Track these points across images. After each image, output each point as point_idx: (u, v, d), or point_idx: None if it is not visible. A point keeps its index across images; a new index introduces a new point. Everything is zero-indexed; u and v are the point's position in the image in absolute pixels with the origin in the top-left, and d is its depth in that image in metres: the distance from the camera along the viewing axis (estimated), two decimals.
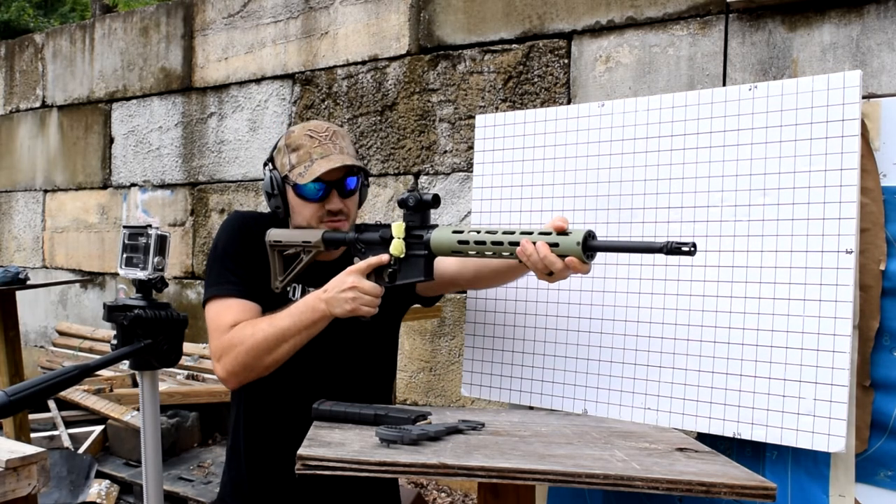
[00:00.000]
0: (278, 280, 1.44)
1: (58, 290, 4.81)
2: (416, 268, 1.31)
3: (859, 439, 1.26)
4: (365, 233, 1.37)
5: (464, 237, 1.23)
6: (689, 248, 1.03)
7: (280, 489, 1.46)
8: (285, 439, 1.43)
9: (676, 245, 1.04)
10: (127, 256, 1.07)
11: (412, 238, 1.30)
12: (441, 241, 1.27)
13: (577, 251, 1.12)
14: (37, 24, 10.14)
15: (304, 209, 1.45)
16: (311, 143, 1.44)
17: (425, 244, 1.29)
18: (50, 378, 0.86)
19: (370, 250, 1.35)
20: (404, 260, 1.31)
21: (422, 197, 1.30)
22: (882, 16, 2.30)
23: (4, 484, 1.32)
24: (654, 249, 1.07)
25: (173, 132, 4.24)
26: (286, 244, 1.44)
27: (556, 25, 2.93)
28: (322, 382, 1.45)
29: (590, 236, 1.13)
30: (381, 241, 1.34)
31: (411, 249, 1.30)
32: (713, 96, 1.37)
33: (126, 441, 3.24)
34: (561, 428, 1.31)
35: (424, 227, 1.30)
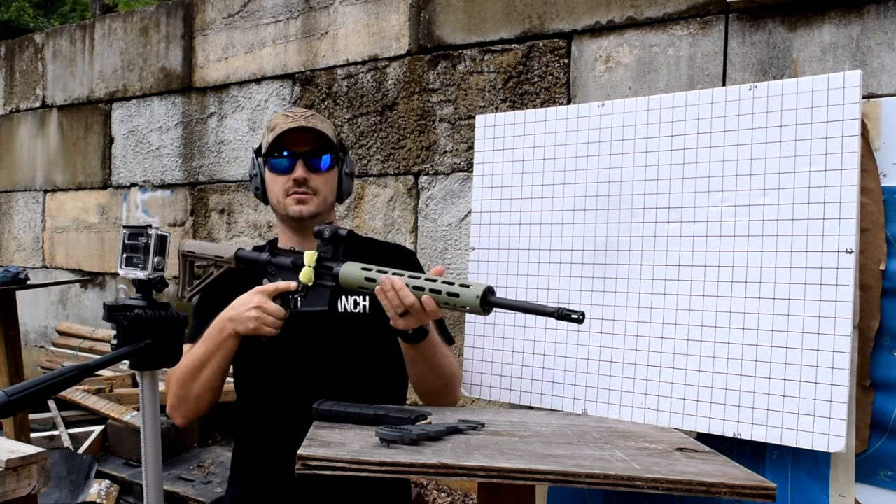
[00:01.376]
0: (186, 290, 1.47)
1: (58, 290, 4.81)
2: (322, 298, 1.33)
3: (859, 439, 1.26)
4: (279, 256, 1.39)
5: (371, 275, 1.27)
6: (577, 317, 1.10)
7: (282, 492, 1.46)
8: (284, 444, 1.43)
9: (566, 312, 1.10)
10: (127, 256, 1.07)
11: (322, 269, 1.32)
12: (349, 276, 1.29)
13: (475, 304, 1.16)
14: (37, 24, 10.14)
15: (274, 184, 1.49)
16: (285, 120, 1.48)
17: (334, 276, 1.31)
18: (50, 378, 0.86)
19: (280, 274, 1.37)
20: (312, 288, 1.33)
21: (337, 231, 1.33)
22: (882, 16, 2.30)
23: (4, 484, 1.32)
24: (545, 313, 1.13)
25: (173, 132, 4.24)
26: (198, 256, 1.47)
27: (556, 25, 2.93)
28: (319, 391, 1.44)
29: (489, 292, 1.17)
30: (292, 267, 1.36)
31: (320, 279, 1.32)
32: (713, 96, 1.37)
33: (126, 441, 3.24)
34: (561, 428, 1.31)
35: (336, 259, 1.32)
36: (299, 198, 1.47)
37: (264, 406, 1.49)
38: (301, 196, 1.47)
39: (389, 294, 1.22)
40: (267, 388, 1.49)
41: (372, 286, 1.26)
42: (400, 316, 1.24)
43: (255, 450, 1.51)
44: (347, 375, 1.48)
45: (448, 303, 1.20)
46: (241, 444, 1.56)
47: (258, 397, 1.50)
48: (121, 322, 0.98)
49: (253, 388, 1.51)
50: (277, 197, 1.49)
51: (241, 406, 1.55)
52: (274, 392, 1.48)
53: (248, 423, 1.53)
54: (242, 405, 1.55)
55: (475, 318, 1.63)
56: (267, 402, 1.49)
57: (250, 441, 1.52)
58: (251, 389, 1.52)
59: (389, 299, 1.22)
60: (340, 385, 1.45)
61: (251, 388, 1.52)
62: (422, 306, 1.21)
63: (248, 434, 1.53)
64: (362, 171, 3.48)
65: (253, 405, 1.51)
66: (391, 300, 1.22)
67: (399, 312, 1.23)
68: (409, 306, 1.21)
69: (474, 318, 1.64)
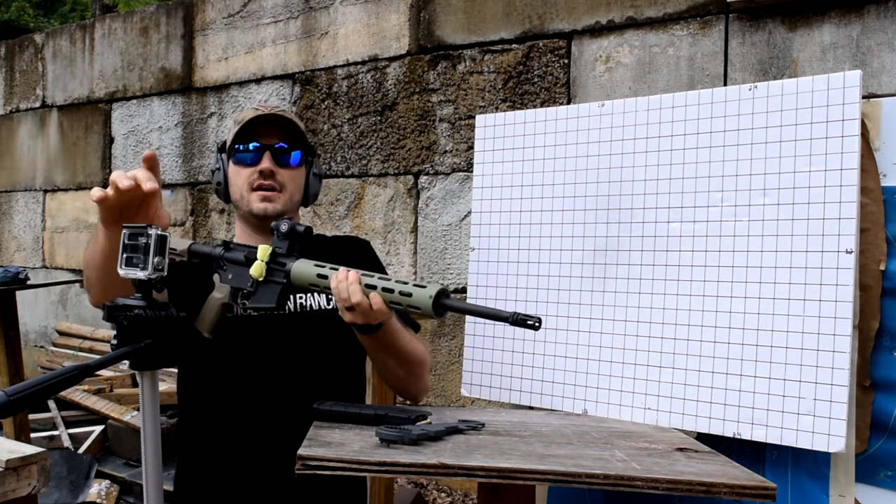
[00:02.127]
0: None
1: (58, 290, 4.81)
2: (271, 294, 1.27)
3: (859, 439, 1.26)
4: (232, 252, 1.33)
5: (324, 272, 1.23)
6: (532, 323, 1.06)
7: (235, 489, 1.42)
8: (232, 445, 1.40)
9: (522, 317, 1.07)
10: (127, 256, 1.06)
11: (275, 264, 1.27)
12: (301, 273, 1.25)
13: (427, 305, 1.14)
14: (37, 24, 10.14)
15: (238, 177, 1.42)
16: (253, 113, 1.43)
17: (286, 273, 1.26)
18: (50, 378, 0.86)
19: (231, 269, 1.31)
20: (262, 284, 1.28)
21: (294, 226, 1.28)
22: (882, 16, 2.30)
23: (4, 484, 1.32)
24: (501, 318, 1.10)
25: (173, 132, 4.24)
26: None
27: (556, 25, 2.93)
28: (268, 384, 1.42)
29: (442, 294, 1.15)
30: (245, 262, 1.30)
31: (271, 275, 1.28)
32: (713, 96, 1.37)
33: (126, 441, 3.24)
34: (561, 428, 1.31)
35: (290, 255, 1.28)
36: (265, 195, 1.40)
37: (225, 405, 1.42)
38: (267, 193, 1.40)
39: (340, 285, 1.18)
40: (228, 385, 1.42)
41: (324, 283, 1.22)
42: (346, 310, 1.20)
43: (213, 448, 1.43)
44: (314, 372, 1.44)
45: (399, 302, 1.17)
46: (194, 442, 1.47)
47: (213, 400, 1.43)
48: (121, 322, 0.98)
49: (210, 385, 1.44)
50: (241, 191, 1.42)
51: (189, 412, 1.48)
52: (236, 390, 1.41)
53: (202, 422, 1.45)
54: (192, 410, 1.47)
55: (475, 319, 1.63)
56: (228, 400, 1.42)
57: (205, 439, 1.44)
58: (205, 392, 1.44)
59: (339, 290, 1.18)
60: (305, 381, 1.42)
61: (204, 391, 1.44)
62: (370, 305, 1.18)
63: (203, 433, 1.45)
64: (362, 171, 3.48)
65: (206, 409, 1.44)
66: (339, 292, 1.18)
67: (346, 306, 1.19)
68: (354, 303, 1.18)
69: (474, 319, 1.64)
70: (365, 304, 1.18)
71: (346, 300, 1.18)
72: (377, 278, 1.20)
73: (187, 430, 1.50)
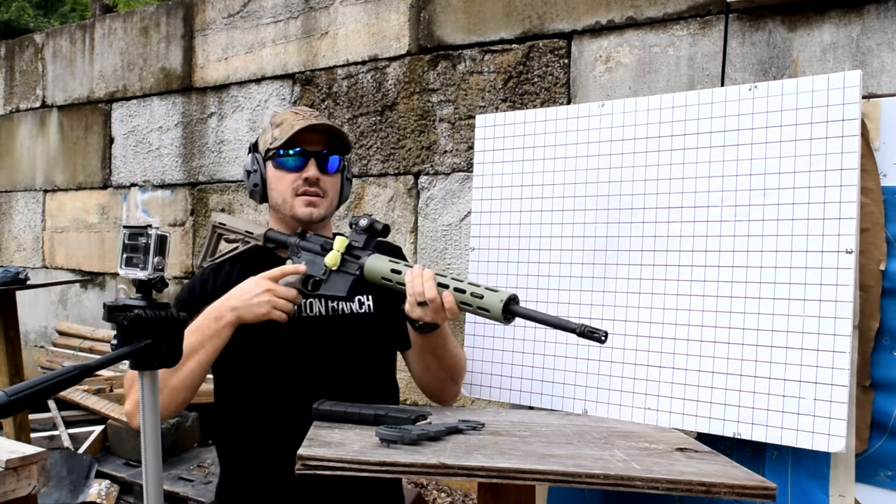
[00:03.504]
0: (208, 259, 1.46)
1: (58, 290, 4.81)
2: (343, 284, 1.32)
3: (859, 439, 1.26)
4: (308, 241, 1.39)
5: (398, 267, 1.27)
6: (599, 336, 1.09)
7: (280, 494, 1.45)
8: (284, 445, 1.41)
9: (590, 330, 1.09)
10: (127, 256, 1.06)
11: (350, 256, 1.33)
12: (375, 267, 1.30)
13: (497, 309, 1.16)
14: (37, 24, 10.14)
15: (281, 182, 1.45)
16: (294, 117, 1.46)
17: (360, 266, 1.31)
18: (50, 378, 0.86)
19: (306, 257, 1.37)
20: (335, 273, 1.33)
21: (374, 223, 1.33)
22: (882, 16, 2.30)
23: (4, 484, 1.32)
24: (568, 329, 1.12)
25: (173, 132, 4.24)
26: (229, 229, 1.47)
27: (556, 25, 2.93)
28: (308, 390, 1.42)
29: (513, 300, 1.17)
30: (320, 251, 1.36)
31: (344, 266, 1.33)
32: (713, 96, 1.37)
33: (126, 441, 3.24)
34: (561, 428, 1.31)
35: (366, 250, 1.33)
36: (310, 200, 1.43)
37: (261, 407, 1.45)
38: (312, 199, 1.43)
39: (415, 280, 1.22)
40: (265, 387, 1.44)
41: (396, 278, 1.26)
42: (418, 304, 1.24)
43: (251, 451, 1.46)
44: (347, 376, 1.46)
45: (469, 303, 1.20)
46: (232, 447, 1.50)
47: (253, 397, 1.45)
48: (121, 322, 0.98)
49: (247, 388, 1.46)
50: (283, 196, 1.44)
51: (228, 409, 1.49)
52: (272, 392, 1.44)
53: (240, 425, 1.48)
54: (231, 407, 1.49)
55: (475, 318, 1.63)
56: (265, 403, 1.45)
57: (244, 443, 1.47)
58: (244, 390, 1.46)
59: (414, 285, 1.23)
60: (339, 385, 1.43)
61: (244, 389, 1.46)
62: (441, 303, 1.22)
63: (241, 436, 1.47)
64: (362, 171, 3.48)
65: (247, 406, 1.46)
66: (415, 286, 1.22)
67: (418, 301, 1.23)
68: (428, 299, 1.22)
69: (474, 318, 1.64)
70: (438, 301, 1.22)
71: (420, 294, 1.22)
72: (450, 278, 1.23)
73: (227, 431, 1.50)
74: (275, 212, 1.51)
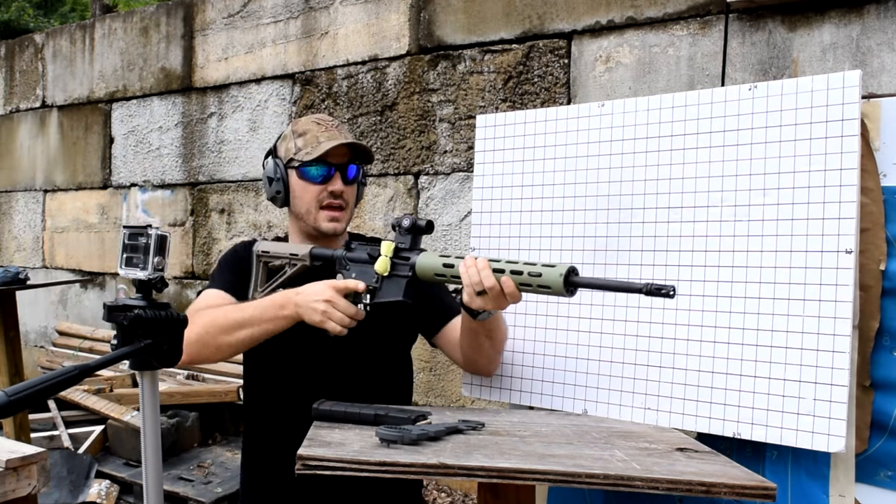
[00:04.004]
0: (259, 291, 1.46)
1: (58, 290, 4.81)
2: (397, 288, 1.31)
3: (859, 439, 1.26)
4: (354, 251, 1.38)
5: (449, 261, 1.25)
6: (667, 291, 1.05)
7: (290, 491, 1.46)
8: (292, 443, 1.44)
9: (656, 287, 1.05)
10: (127, 256, 1.07)
11: (399, 259, 1.31)
12: (426, 264, 1.28)
13: (559, 283, 1.13)
14: (37, 24, 10.14)
15: (306, 192, 1.47)
16: (317, 128, 1.48)
17: (411, 266, 1.30)
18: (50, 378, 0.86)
19: (355, 268, 1.36)
20: (387, 279, 1.32)
21: (416, 221, 1.32)
22: (882, 16, 2.30)
23: (4, 484, 1.32)
24: (634, 290, 1.09)
25: (173, 132, 4.24)
26: (273, 255, 1.46)
27: (556, 25, 2.93)
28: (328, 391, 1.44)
29: (572, 272, 1.14)
30: (368, 259, 1.35)
31: (395, 270, 1.31)
32: (713, 96, 1.37)
33: (126, 441, 3.24)
34: (561, 428, 1.31)
35: (413, 249, 1.31)
36: (333, 215, 1.46)
37: (276, 406, 1.49)
38: (335, 213, 1.46)
39: (470, 270, 1.21)
40: (280, 387, 1.48)
41: (450, 272, 1.25)
42: (477, 294, 1.22)
43: (265, 451, 1.50)
44: (362, 376, 1.49)
45: (529, 283, 1.17)
46: (251, 444, 1.55)
47: (270, 396, 1.50)
48: (121, 322, 0.98)
49: (265, 387, 1.51)
50: (308, 206, 1.47)
51: (250, 406, 1.55)
52: (287, 391, 1.48)
53: (258, 423, 1.53)
54: (252, 405, 1.54)
55: None
56: (279, 402, 1.49)
57: (259, 441, 1.52)
58: (262, 389, 1.52)
59: (470, 276, 1.21)
60: (354, 386, 1.46)
61: (262, 388, 1.52)
62: (501, 289, 1.20)
63: (258, 434, 1.52)
64: None
65: (264, 405, 1.51)
66: (471, 276, 1.20)
67: (477, 290, 1.22)
68: (487, 287, 1.20)
69: None
70: (497, 288, 1.20)
71: (477, 284, 1.20)
72: (504, 262, 1.20)
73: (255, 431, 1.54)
74: (296, 218, 1.53)
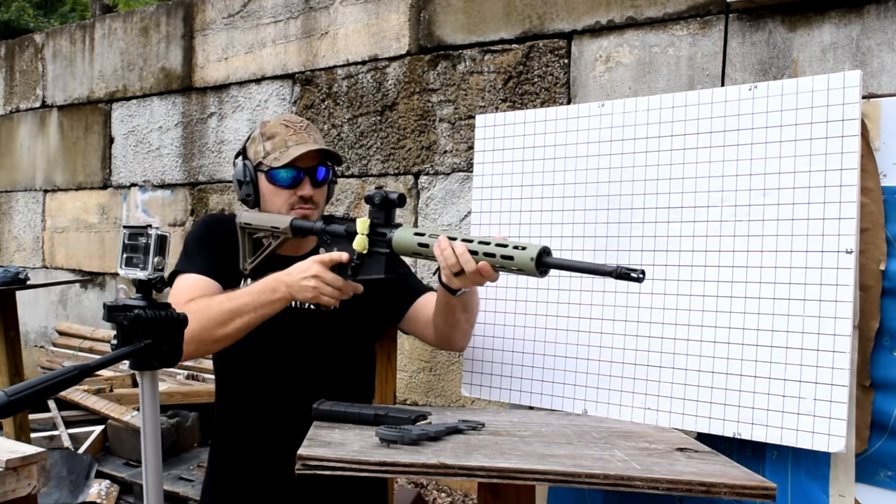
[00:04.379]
0: (247, 262, 1.46)
1: (58, 290, 4.80)
2: (378, 265, 1.32)
3: (859, 439, 1.26)
4: (332, 224, 1.39)
5: (424, 240, 1.26)
6: (637, 276, 1.06)
7: (261, 487, 1.47)
8: (258, 440, 1.46)
9: (626, 271, 1.06)
10: (127, 256, 1.07)
11: (376, 235, 1.32)
12: (403, 241, 1.29)
13: (531, 267, 1.14)
14: (37, 24, 10.14)
15: (276, 197, 1.47)
16: (286, 131, 1.48)
17: (387, 242, 1.31)
18: (50, 378, 0.86)
19: (335, 243, 1.37)
20: (366, 256, 1.33)
21: (388, 195, 1.32)
22: (882, 16, 2.30)
23: (4, 484, 1.32)
24: (604, 273, 1.09)
25: (173, 132, 4.24)
26: (256, 227, 1.46)
27: (556, 25, 2.93)
28: (293, 384, 1.46)
29: (544, 252, 1.15)
30: (346, 235, 1.36)
31: (374, 246, 1.32)
32: (713, 96, 1.37)
33: (126, 441, 3.24)
34: (561, 428, 1.31)
35: (388, 225, 1.32)
36: (305, 213, 1.47)
37: (245, 400, 1.49)
38: (306, 212, 1.46)
39: (445, 252, 1.22)
40: (247, 381, 1.48)
41: (425, 251, 1.26)
42: (455, 275, 1.23)
43: (234, 449, 1.50)
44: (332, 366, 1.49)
45: (502, 266, 1.19)
46: (221, 443, 1.54)
47: (238, 390, 1.50)
48: (121, 322, 0.98)
49: (234, 385, 1.50)
50: (278, 209, 1.48)
51: (219, 399, 1.54)
52: (254, 384, 1.47)
53: (228, 421, 1.52)
54: (223, 403, 1.54)
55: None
56: (247, 396, 1.48)
57: (229, 440, 1.51)
58: (230, 383, 1.51)
59: (445, 257, 1.22)
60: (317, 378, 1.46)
61: (230, 382, 1.51)
62: (479, 271, 1.21)
63: (228, 433, 1.52)
64: (362, 171, 3.48)
65: (235, 403, 1.51)
66: (446, 258, 1.22)
67: (454, 272, 1.23)
68: (468, 271, 1.21)
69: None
70: (475, 270, 1.21)
71: (454, 265, 1.21)
72: (477, 242, 1.21)
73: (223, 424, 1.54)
74: None
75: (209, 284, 1.42)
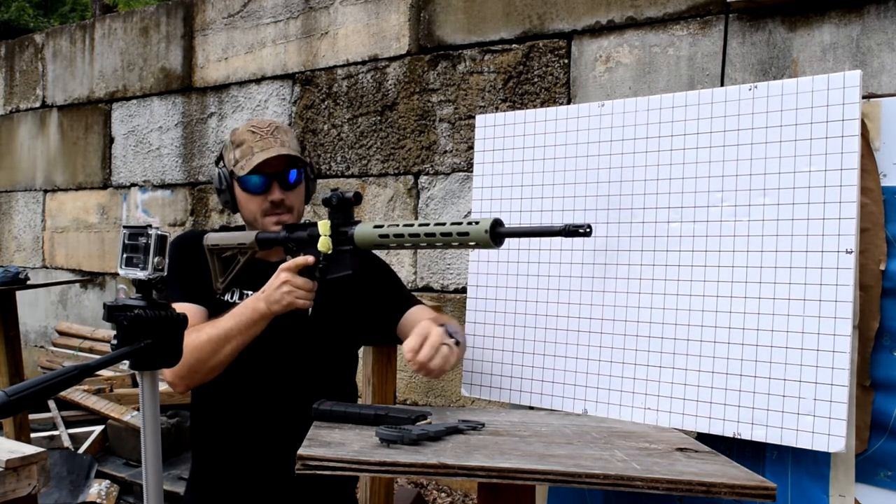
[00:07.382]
0: (219, 281, 1.49)
1: (58, 290, 4.81)
2: (344, 263, 1.36)
3: (859, 439, 1.26)
4: (295, 232, 1.43)
5: (384, 231, 1.30)
6: (584, 230, 1.13)
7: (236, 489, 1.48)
8: (236, 442, 1.48)
9: (573, 228, 1.13)
10: (127, 256, 1.06)
11: (338, 234, 1.36)
12: (364, 236, 1.33)
13: (486, 238, 1.18)
14: (37, 24, 10.13)
15: (249, 203, 1.50)
16: (252, 137, 1.49)
17: (350, 239, 1.35)
18: (50, 378, 0.86)
19: (301, 248, 1.41)
20: (332, 256, 1.36)
21: (343, 195, 1.36)
22: (882, 16, 2.30)
23: (4, 484, 1.32)
24: (553, 233, 1.17)
25: (173, 132, 4.24)
26: (223, 247, 1.49)
27: (556, 25, 2.93)
28: (269, 388, 1.48)
29: (497, 223, 1.20)
30: (309, 239, 1.39)
31: (338, 245, 1.36)
32: (713, 96, 1.37)
33: (126, 441, 3.24)
34: (561, 428, 1.31)
35: (349, 223, 1.36)
36: (278, 220, 1.48)
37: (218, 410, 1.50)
38: (281, 217, 1.48)
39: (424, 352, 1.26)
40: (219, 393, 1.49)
41: (386, 241, 1.30)
42: None
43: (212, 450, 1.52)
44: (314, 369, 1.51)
45: (460, 243, 1.22)
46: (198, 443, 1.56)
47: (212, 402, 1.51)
48: (121, 322, 0.98)
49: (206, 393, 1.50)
50: (253, 214, 1.50)
51: (195, 410, 1.56)
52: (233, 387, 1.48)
53: (203, 426, 1.53)
54: (200, 406, 1.54)
55: (475, 319, 1.64)
56: (228, 404, 1.49)
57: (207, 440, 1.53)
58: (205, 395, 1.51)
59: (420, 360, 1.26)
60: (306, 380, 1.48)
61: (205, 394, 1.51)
62: None
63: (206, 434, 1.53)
64: (362, 171, 3.48)
65: (211, 407, 1.52)
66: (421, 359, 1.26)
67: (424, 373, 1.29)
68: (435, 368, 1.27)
69: (474, 319, 1.64)
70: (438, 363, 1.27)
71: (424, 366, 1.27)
72: (433, 225, 1.24)
73: (200, 425, 1.55)
74: (247, 224, 1.56)
75: (195, 311, 1.43)
